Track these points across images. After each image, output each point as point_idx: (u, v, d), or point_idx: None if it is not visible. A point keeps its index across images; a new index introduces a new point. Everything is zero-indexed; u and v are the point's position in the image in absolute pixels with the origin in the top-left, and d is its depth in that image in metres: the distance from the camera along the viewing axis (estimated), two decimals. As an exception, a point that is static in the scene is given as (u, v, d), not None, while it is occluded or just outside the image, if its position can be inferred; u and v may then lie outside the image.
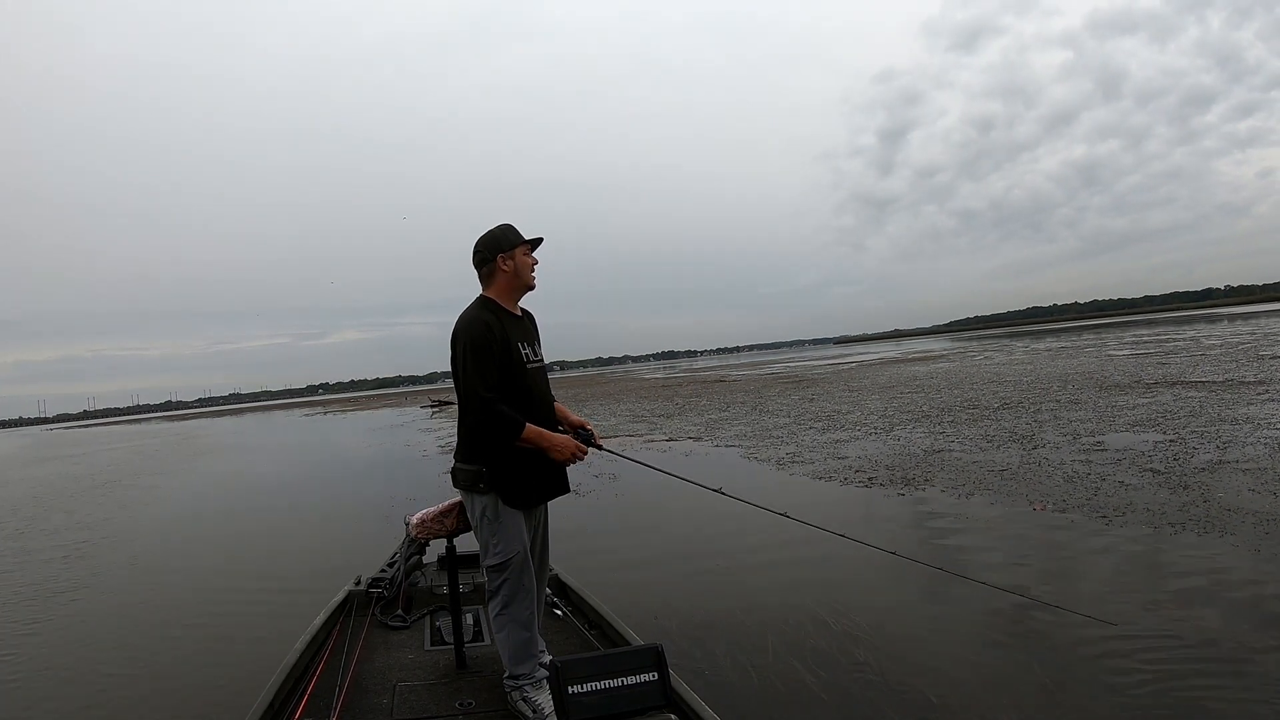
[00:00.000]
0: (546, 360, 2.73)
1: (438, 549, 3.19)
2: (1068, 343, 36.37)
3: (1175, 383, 13.17)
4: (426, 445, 16.51)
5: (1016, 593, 3.77)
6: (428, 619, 3.31)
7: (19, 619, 5.36)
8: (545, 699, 2.39)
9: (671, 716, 2.26)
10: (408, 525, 3.05)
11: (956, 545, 5.16)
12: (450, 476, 2.57)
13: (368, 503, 9.10)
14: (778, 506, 3.11)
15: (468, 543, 2.85)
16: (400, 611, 3.37)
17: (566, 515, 6.41)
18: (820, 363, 45.71)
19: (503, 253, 2.54)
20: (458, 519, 2.83)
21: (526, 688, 2.46)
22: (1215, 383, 12.58)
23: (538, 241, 2.61)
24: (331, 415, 44.09)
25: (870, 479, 7.57)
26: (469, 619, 3.17)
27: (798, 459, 9.29)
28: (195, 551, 7.65)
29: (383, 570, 3.69)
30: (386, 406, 48.61)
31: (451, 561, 2.94)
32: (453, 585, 2.91)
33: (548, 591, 3.25)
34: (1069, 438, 8.71)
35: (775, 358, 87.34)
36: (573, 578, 3.62)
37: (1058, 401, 12.30)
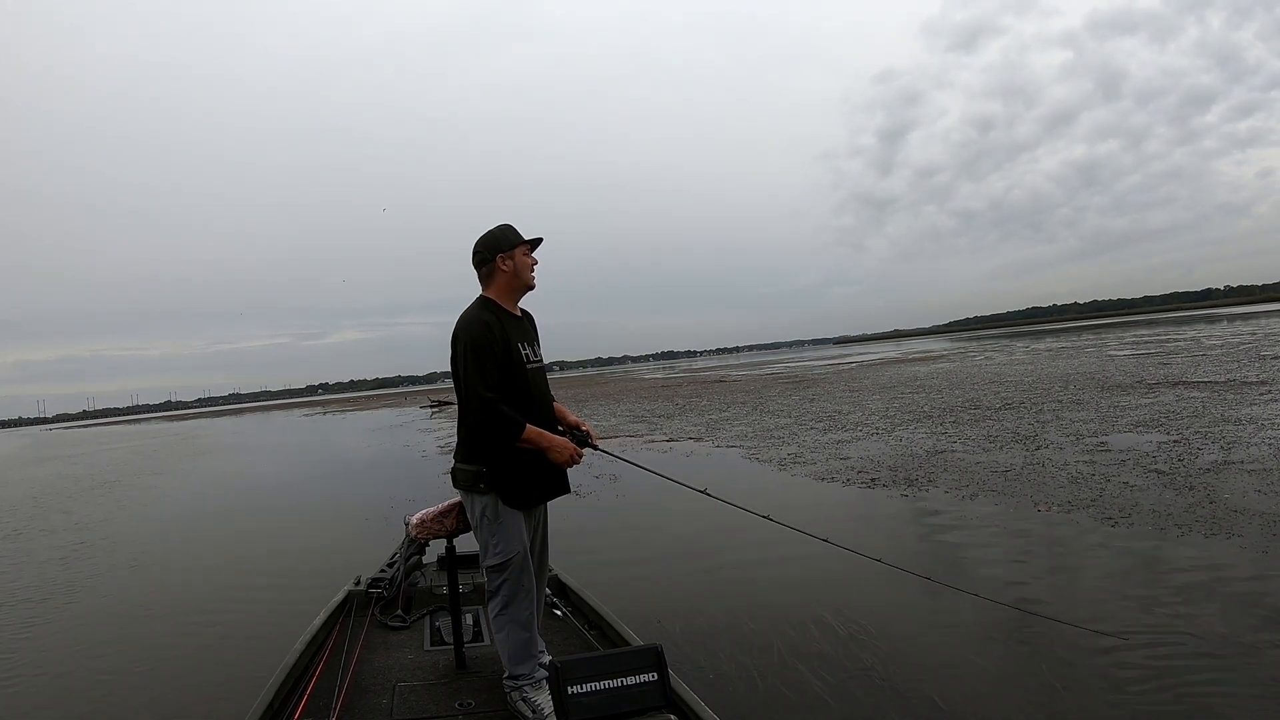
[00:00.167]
0: (546, 360, 2.73)
1: (437, 549, 3.19)
2: (1068, 343, 36.34)
3: (1177, 383, 13.15)
4: (426, 445, 16.50)
5: (1015, 606, 3.71)
6: (427, 619, 3.31)
7: (17, 620, 5.35)
8: (545, 699, 2.39)
9: (671, 717, 2.26)
10: (407, 525, 3.05)
11: (960, 547, 5.13)
12: (450, 477, 2.58)
13: (367, 503, 9.09)
14: (766, 509, 3.09)
15: (467, 543, 2.85)
16: (400, 612, 3.37)
17: (566, 516, 6.37)
18: (820, 363, 45.68)
19: (502, 253, 2.54)
20: (457, 519, 2.83)
21: (526, 688, 2.46)
22: (1217, 383, 12.55)
23: (537, 241, 2.61)
24: (331, 415, 44.10)
25: (873, 480, 7.54)
26: (469, 619, 3.17)
27: (799, 459, 9.25)
28: (195, 552, 7.64)
29: (382, 570, 3.69)
30: (386, 406, 48.61)
31: (451, 562, 2.94)
32: (452, 585, 2.91)
33: (547, 592, 3.25)
34: (1072, 438, 8.68)
35: (775, 358, 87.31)
36: (572, 578, 3.62)
37: (1060, 402, 12.27)
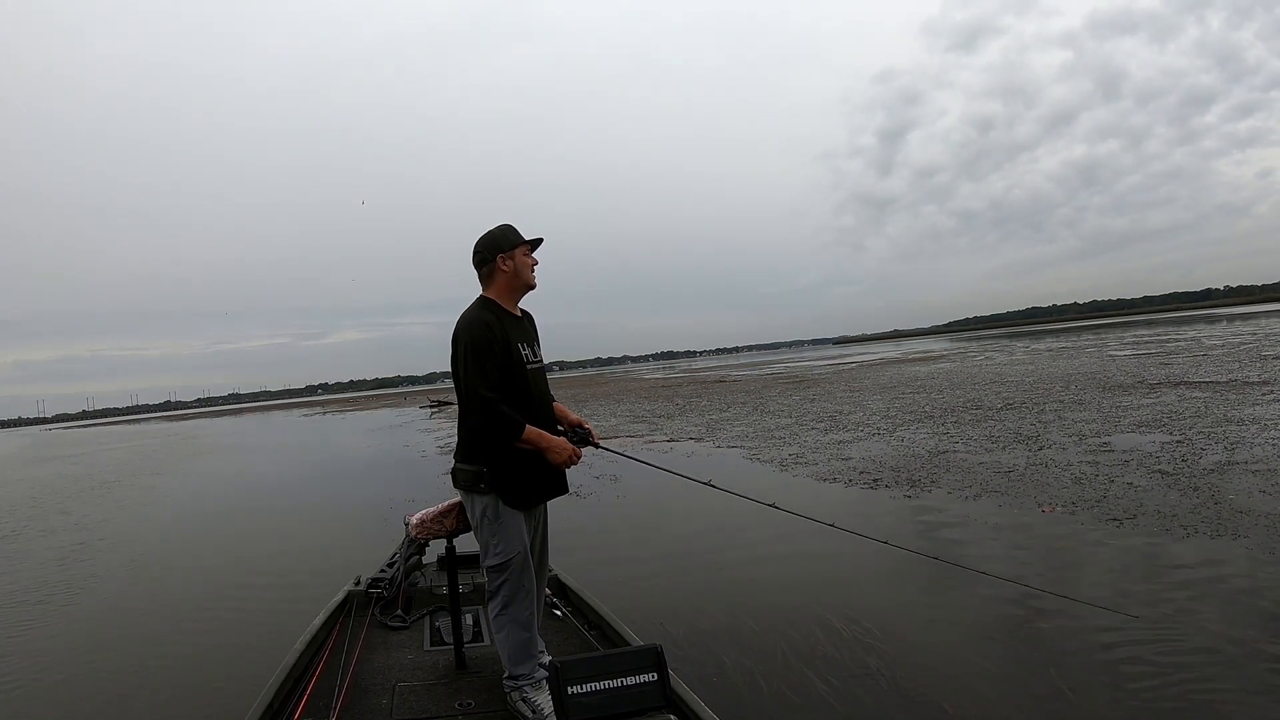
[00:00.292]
0: (545, 360, 2.73)
1: (437, 549, 3.19)
2: (1068, 343, 36.32)
3: (1179, 383, 13.12)
4: (425, 446, 16.49)
5: (1019, 583, 3.72)
6: (427, 619, 3.31)
7: (16, 621, 5.34)
8: (545, 699, 2.38)
9: (671, 717, 2.25)
10: (407, 525, 3.04)
11: (964, 547, 5.09)
12: (450, 477, 2.58)
13: (367, 503, 9.08)
14: (768, 499, 3.08)
15: (467, 543, 2.85)
16: (400, 612, 3.37)
17: (567, 516, 6.37)
18: (820, 363, 45.66)
19: (502, 253, 2.54)
20: (457, 519, 2.83)
21: (526, 688, 2.46)
22: (1219, 383, 12.53)
23: (538, 242, 2.61)
24: (330, 415, 44.07)
25: (875, 480, 7.50)
26: (468, 619, 3.17)
27: (801, 460, 9.22)
28: (195, 552, 7.64)
29: (382, 570, 3.69)
30: (385, 407, 48.59)
31: (451, 562, 2.94)
32: (452, 586, 2.91)
33: (547, 592, 3.25)
34: (1075, 439, 8.65)
35: (775, 358, 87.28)
36: (572, 578, 3.62)
37: (1061, 402, 12.24)
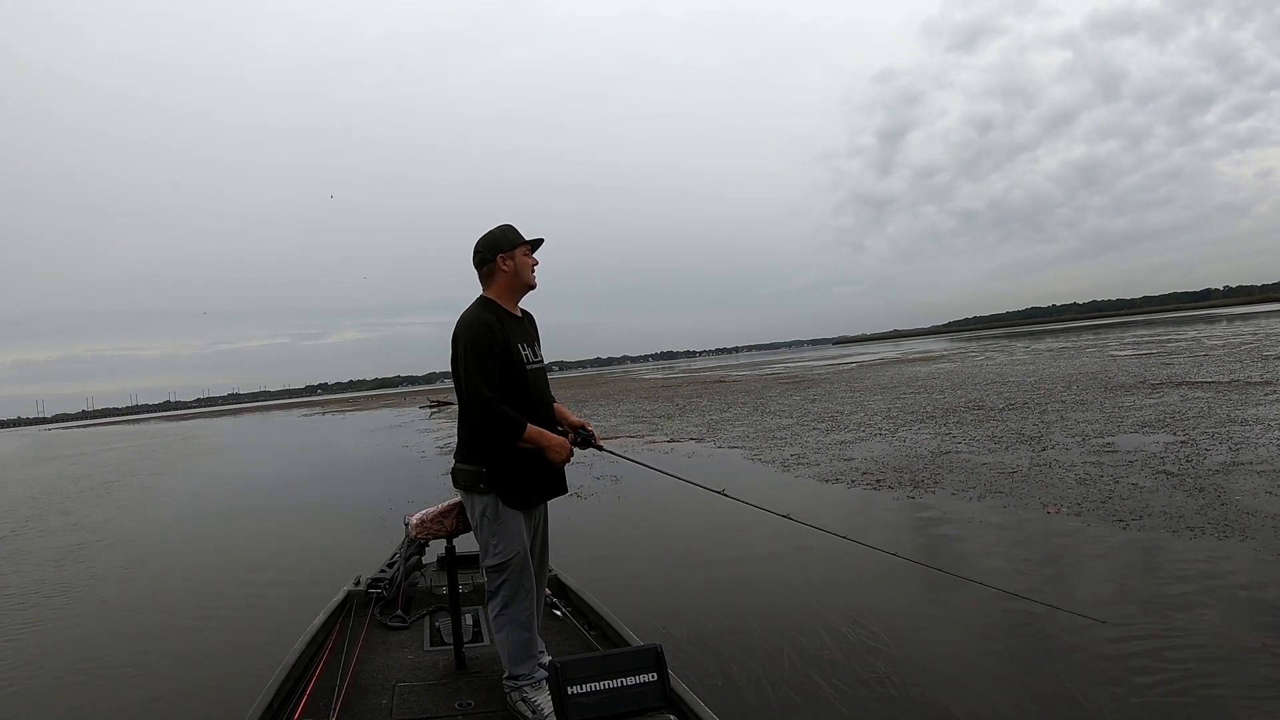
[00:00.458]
0: (545, 360, 2.73)
1: (437, 549, 3.19)
2: (1068, 343, 36.31)
3: (1181, 383, 13.10)
4: (425, 446, 16.49)
5: (1024, 596, 3.65)
6: (427, 619, 3.31)
7: (15, 621, 5.34)
8: (545, 699, 2.38)
9: (671, 717, 2.25)
10: (407, 525, 3.04)
11: (970, 549, 5.06)
12: (450, 477, 2.57)
13: (367, 503, 9.08)
14: (782, 509, 3.06)
15: (467, 543, 2.85)
16: (400, 612, 3.37)
17: (567, 518, 6.34)
18: (820, 363, 45.66)
19: (503, 253, 2.54)
20: (457, 519, 2.83)
21: (526, 688, 2.46)
22: (1221, 383, 12.51)
23: (538, 242, 2.61)
24: (330, 415, 44.06)
25: (878, 481, 7.46)
26: (468, 619, 3.17)
27: (803, 460, 9.19)
28: (194, 552, 7.64)
29: (382, 570, 3.69)
30: (385, 407, 48.57)
31: (451, 562, 2.94)
32: (452, 586, 2.91)
33: (547, 592, 3.25)
34: (1078, 439, 8.61)
35: (774, 358, 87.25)
36: (572, 578, 3.62)
37: (1063, 402, 12.21)
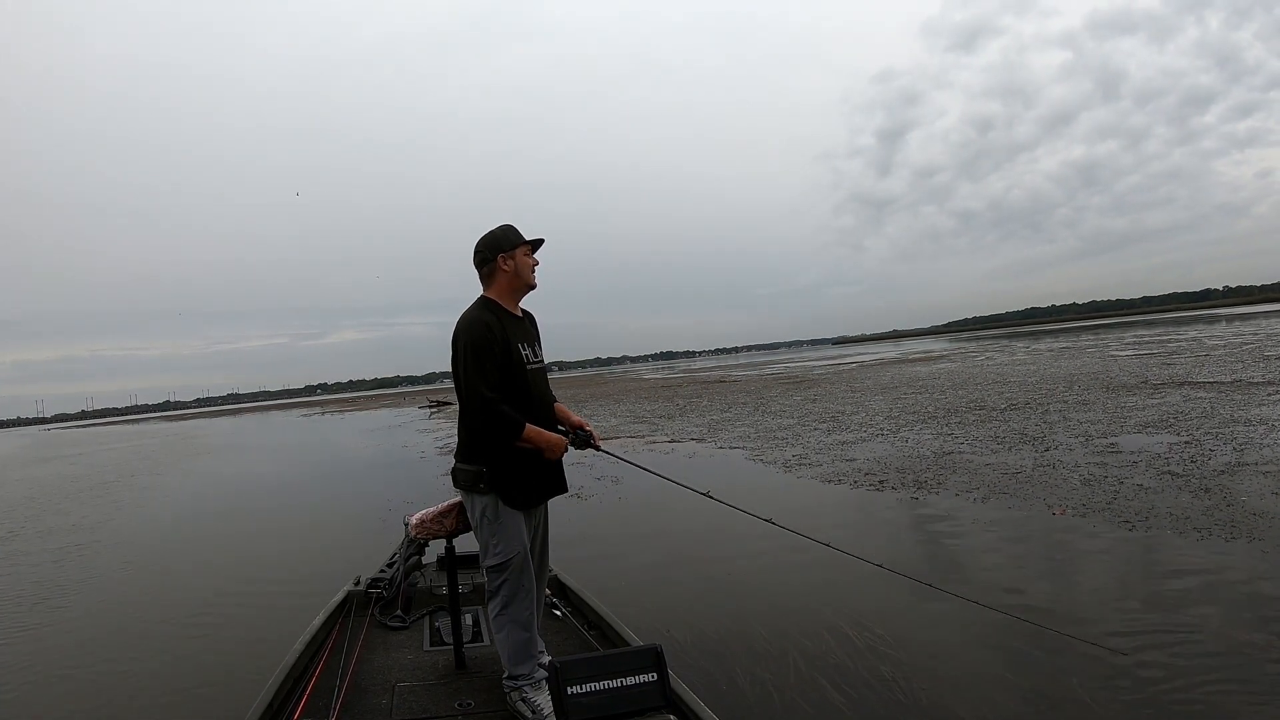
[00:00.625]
0: (545, 360, 2.73)
1: (437, 549, 3.18)
2: (1068, 343, 36.29)
3: (1183, 383, 13.09)
4: (424, 446, 16.49)
5: (1008, 613, 3.47)
6: (427, 619, 3.31)
7: (13, 622, 5.34)
8: (544, 699, 2.38)
9: (671, 717, 2.25)
10: (407, 525, 3.04)
11: (976, 551, 5.02)
12: (450, 477, 2.58)
13: (366, 503, 9.07)
14: (782, 510, 3.03)
15: (467, 543, 2.85)
16: (399, 612, 3.37)
17: (567, 519, 6.32)
18: (820, 363, 45.66)
19: (503, 253, 2.54)
20: (457, 519, 2.83)
21: (526, 688, 2.46)
22: (1223, 383, 12.49)
23: (539, 242, 2.61)
24: (330, 416, 44.07)
25: (881, 482, 7.42)
26: (468, 619, 3.16)
27: (805, 461, 9.17)
28: (194, 552, 7.64)
29: (382, 570, 3.69)
30: (385, 407, 48.58)
31: (451, 562, 2.93)
32: (452, 586, 2.91)
33: (547, 592, 3.24)
34: (1081, 439, 8.57)
35: (774, 358, 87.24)
36: (572, 578, 3.62)
37: (1065, 402, 12.18)
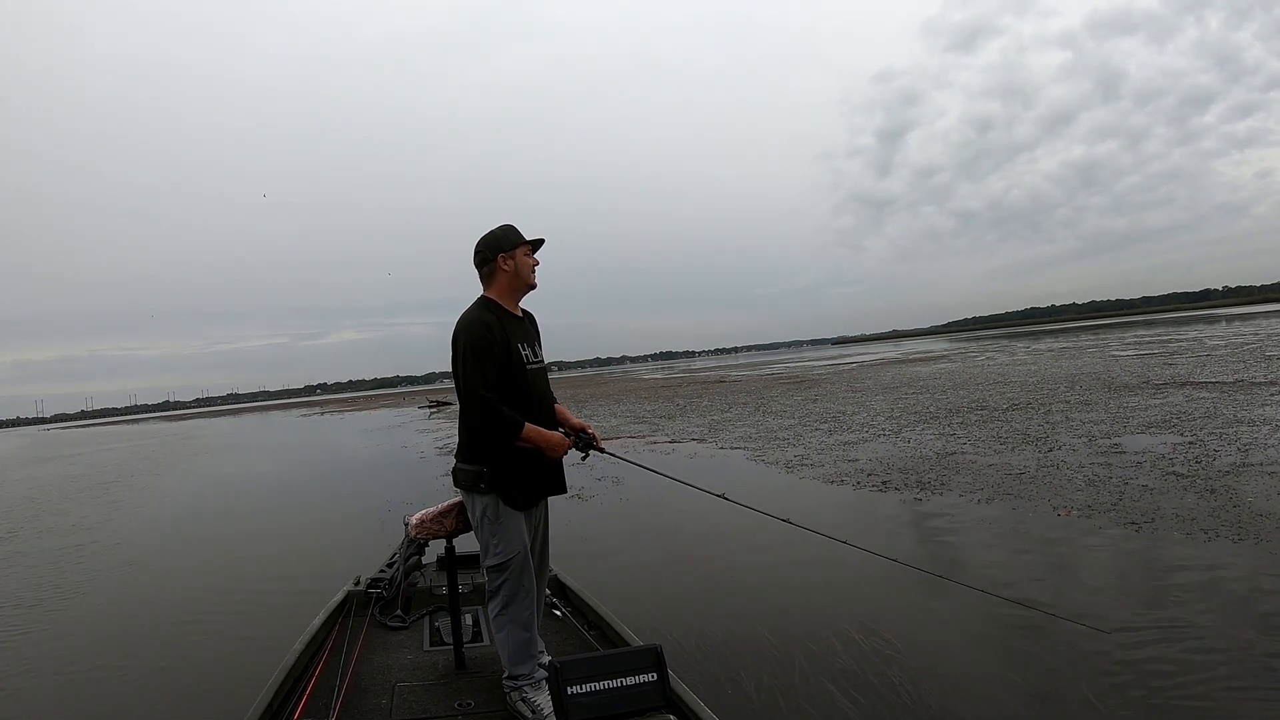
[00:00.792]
0: (546, 360, 2.73)
1: (437, 549, 3.18)
2: (1069, 343, 36.27)
3: (1185, 383, 13.06)
4: (424, 446, 16.48)
5: (1021, 602, 3.57)
6: (427, 619, 3.31)
7: (13, 623, 5.33)
8: (544, 699, 2.38)
9: (671, 717, 2.25)
10: (407, 525, 3.04)
11: (981, 553, 5.00)
12: (451, 477, 2.58)
13: (366, 503, 9.07)
14: (785, 511, 3.01)
15: (467, 543, 2.85)
16: (399, 612, 3.37)
17: (569, 520, 6.31)
18: (820, 363, 45.69)
19: (503, 253, 2.54)
20: (457, 519, 2.82)
21: (526, 688, 2.46)
22: (1225, 383, 12.47)
23: (539, 242, 2.61)
24: (329, 416, 44.06)
25: (884, 483, 7.39)
26: (468, 619, 3.17)
27: (807, 461, 9.14)
28: (193, 552, 7.63)
29: (382, 570, 3.68)
30: (384, 407, 48.57)
31: (451, 562, 2.94)
32: (452, 586, 2.91)
33: (547, 592, 3.24)
34: (1084, 440, 8.54)
35: (774, 358, 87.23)
36: (572, 578, 3.62)
37: (1067, 403, 12.15)
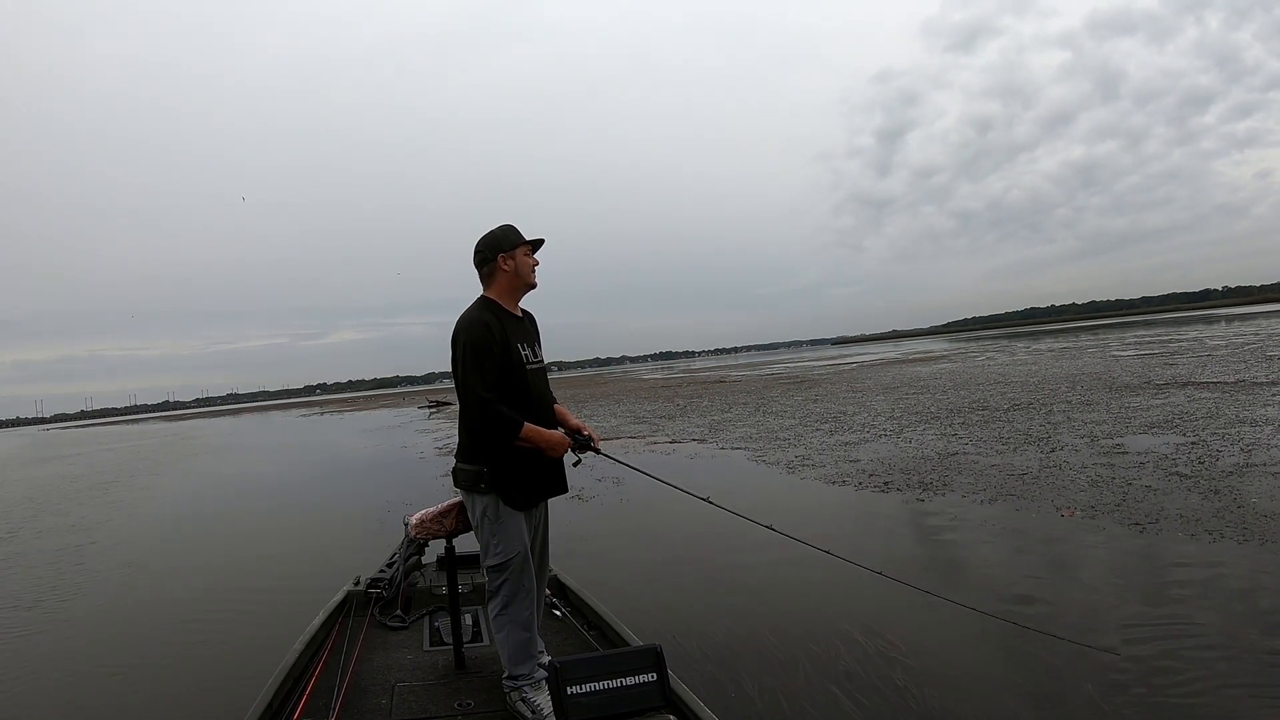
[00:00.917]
0: (545, 360, 2.73)
1: (437, 549, 3.18)
2: (1069, 343, 36.26)
3: (1186, 383, 13.05)
4: (424, 446, 16.48)
5: (1010, 620, 3.49)
6: (427, 619, 3.31)
7: (12, 623, 5.33)
8: (544, 699, 2.38)
9: (671, 717, 2.25)
10: (407, 525, 3.04)
11: (983, 554, 4.98)
12: (451, 477, 2.58)
13: (366, 503, 9.07)
14: (783, 512, 3.00)
15: (467, 543, 2.85)
16: (399, 612, 3.37)
17: (568, 519, 6.29)
18: (820, 363, 45.68)
19: (503, 253, 2.54)
20: (457, 519, 2.82)
21: (525, 688, 2.46)
22: (1227, 383, 12.45)
23: (539, 242, 2.61)
24: (329, 416, 44.05)
25: (886, 483, 7.35)
26: (468, 619, 3.17)
27: (808, 462, 9.12)
28: (193, 552, 7.63)
29: (382, 570, 3.68)
30: (384, 407, 48.57)
31: (451, 562, 2.94)
32: (452, 586, 2.91)
33: (547, 592, 3.24)
34: (1086, 440, 8.52)
35: (774, 358, 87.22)
36: (572, 578, 3.62)
37: (1069, 403, 12.12)
